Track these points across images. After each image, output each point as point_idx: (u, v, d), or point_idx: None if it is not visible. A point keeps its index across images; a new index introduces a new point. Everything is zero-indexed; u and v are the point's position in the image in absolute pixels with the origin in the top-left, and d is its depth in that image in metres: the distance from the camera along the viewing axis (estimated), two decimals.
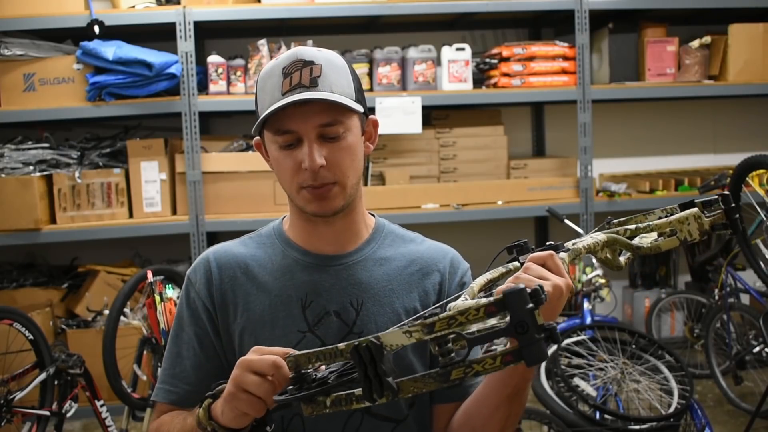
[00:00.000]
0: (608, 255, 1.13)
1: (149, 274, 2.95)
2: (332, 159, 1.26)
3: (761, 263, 3.13)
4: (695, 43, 4.40)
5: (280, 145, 1.28)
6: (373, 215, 1.45)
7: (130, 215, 4.03)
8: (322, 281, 1.34)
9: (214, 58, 4.05)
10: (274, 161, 1.32)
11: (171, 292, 2.73)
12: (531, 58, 4.19)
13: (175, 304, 2.47)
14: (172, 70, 3.87)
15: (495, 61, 4.24)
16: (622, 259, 1.15)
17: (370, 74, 4.16)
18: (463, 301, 0.98)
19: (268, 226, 1.44)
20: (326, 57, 1.28)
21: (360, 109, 1.30)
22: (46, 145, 4.00)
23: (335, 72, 1.27)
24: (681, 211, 1.13)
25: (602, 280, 3.56)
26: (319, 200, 1.28)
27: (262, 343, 1.28)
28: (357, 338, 1.28)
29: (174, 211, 4.07)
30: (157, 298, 2.69)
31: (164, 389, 1.35)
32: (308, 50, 1.28)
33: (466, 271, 1.42)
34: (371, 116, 1.37)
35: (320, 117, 1.25)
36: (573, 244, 1.11)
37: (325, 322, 1.32)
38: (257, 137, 1.37)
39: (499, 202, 4.22)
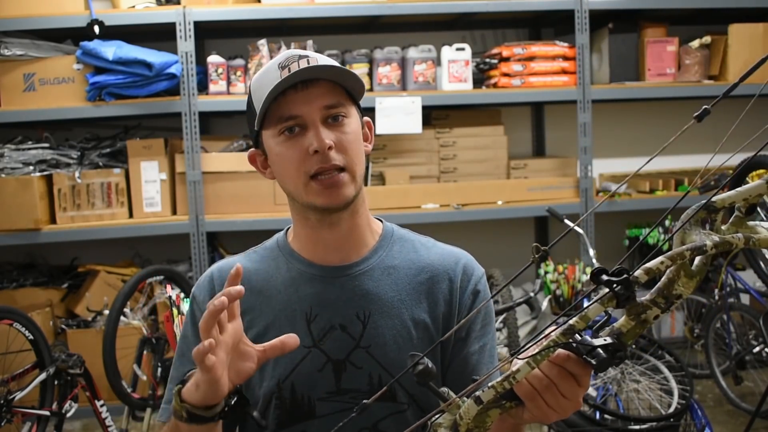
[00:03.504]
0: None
1: (168, 289, 2.94)
2: (339, 143, 1.24)
3: (761, 263, 3.13)
4: (695, 43, 4.40)
5: (284, 135, 1.24)
6: (380, 220, 1.40)
7: (130, 215, 4.03)
8: (327, 293, 1.29)
9: (214, 58, 4.05)
10: (276, 158, 1.27)
11: (187, 306, 2.72)
12: (531, 58, 4.19)
13: None
14: (172, 70, 3.87)
15: (495, 61, 4.24)
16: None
17: (370, 74, 4.16)
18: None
19: (273, 238, 1.40)
20: (320, 55, 1.30)
21: (358, 98, 1.30)
22: (46, 145, 4.00)
23: (331, 64, 1.28)
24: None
25: None
26: (330, 189, 1.24)
27: (266, 360, 1.26)
28: (364, 352, 1.26)
29: (174, 211, 4.07)
30: (175, 311, 2.68)
31: (169, 410, 1.29)
32: (301, 50, 1.30)
33: (480, 278, 1.35)
34: (365, 117, 1.36)
35: (324, 98, 1.24)
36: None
37: (331, 336, 1.27)
38: (251, 150, 1.34)
39: (499, 202, 4.22)
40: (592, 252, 3.66)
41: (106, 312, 3.58)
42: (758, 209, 3.08)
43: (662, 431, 2.93)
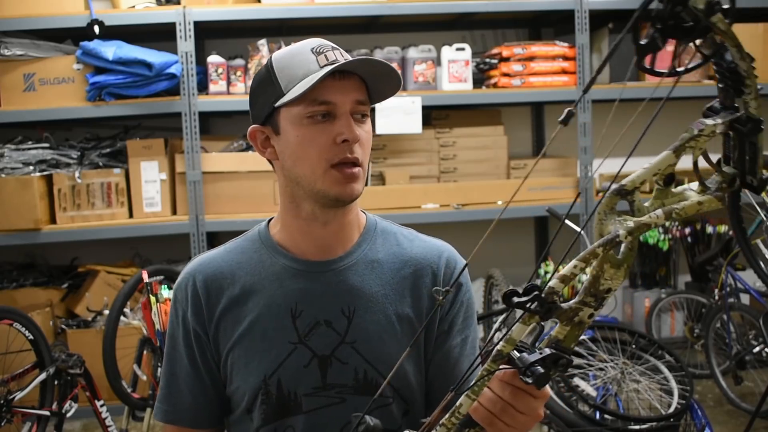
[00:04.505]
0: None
1: (144, 275, 2.94)
2: (360, 139, 1.26)
3: (761, 263, 3.13)
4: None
5: (310, 118, 1.23)
6: (363, 212, 1.40)
7: (130, 215, 4.03)
8: (312, 289, 1.29)
9: (214, 58, 4.05)
10: (297, 139, 1.25)
11: (167, 293, 2.72)
12: (531, 58, 4.19)
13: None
14: (172, 70, 3.87)
15: (495, 61, 4.24)
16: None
17: None
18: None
19: (253, 230, 1.40)
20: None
21: (376, 101, 1.33)
22: (46, 145, 4.00)
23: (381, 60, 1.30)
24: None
25: None
26: (348, 182, 1.24)
27: (252, 355, 1.28)
28: (350, 348, 1.28)
29: (174, 211, 4.07)
30: (153, 299, 2.68)
31: (162, 409, 1.36)
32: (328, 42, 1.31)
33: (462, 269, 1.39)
34: None
35: (357, 93, 1.25)
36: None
37: (316, 332, 1.28)
38: (253, 126, 1.32)
39: (499, 202, 4.22)
40: None
41: (106, 312, 3.58)
42: (759, 210, 3.08)
43: (662, 431, 2.93)
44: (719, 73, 0.94)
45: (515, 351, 0.91)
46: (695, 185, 0.93)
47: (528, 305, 0.86)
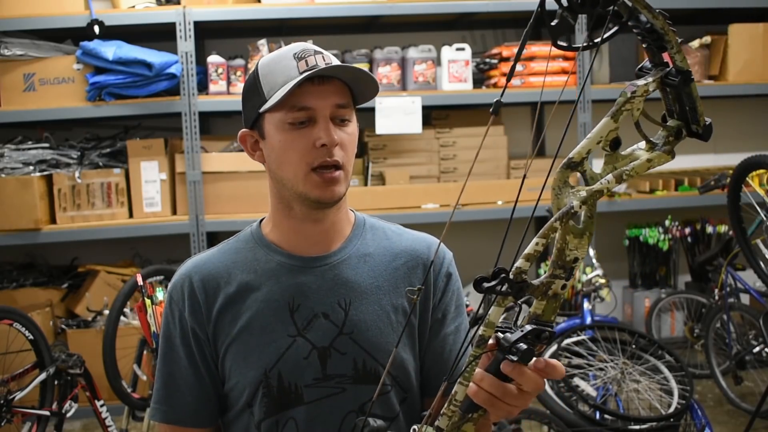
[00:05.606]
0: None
1: (138, 278, 2.94)
2: (341, 142, 1.28)
3: (761, 263, 3.13)
4: (695, 43, 4.40)
5: (291, 124, 1.27)
6: (351, 211, 1.44)
7: (130, 215, 4.03)
8: (308, 283, 1.33)
9: (214, 58, 4.05)
10: (279, 144, 1.29)
11: (161, 295, 2.72)
12: (531, 58, 4.19)
13: None
14: (172, 70, 3.87)
15: (495, 61, 4.24)
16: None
17: None
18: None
19: (245, 231, 1.42)
20: (329, 52, 1.33)
21: (360, 102, 1.34)
22: (46, 145, 4.00)
23: (352, 65, 1.31)
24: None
25: (602, 280, 3.56)
26: (328, 185, 1.27)
27: (251, 350, 1.31)
28: (348, 338, 1.31)
29: (174, 211, 4.07)
30: (148, 301, 2.68)
31: (162, 410, 1.35)
32: (314, 45, 1.32)
33: (450, 261, 1.41)
34: None
35: (336, 97, 1.28)
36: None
37: (314, 324, 1.31)
38: (243, 130, 1.36)
39: (499, 202, 4.22)
40: (592, 252, 3.66)
41: (106, 312, 3.58)
42: (758, 210, 3.09)
43: (662, 431, 2.93)
44: (639, 34, 0.98)
45: (499, 333, 0.94)
46: (643, 144, 0.96)
47: (498, 288, 0.89)
